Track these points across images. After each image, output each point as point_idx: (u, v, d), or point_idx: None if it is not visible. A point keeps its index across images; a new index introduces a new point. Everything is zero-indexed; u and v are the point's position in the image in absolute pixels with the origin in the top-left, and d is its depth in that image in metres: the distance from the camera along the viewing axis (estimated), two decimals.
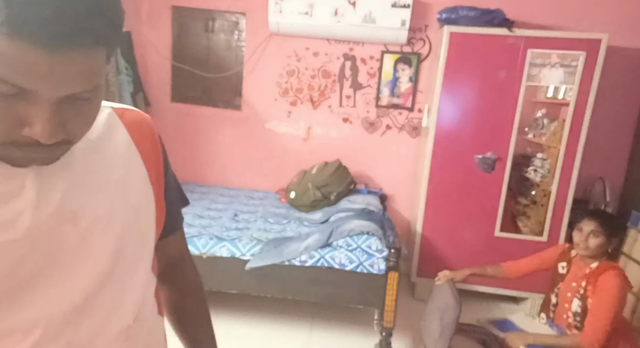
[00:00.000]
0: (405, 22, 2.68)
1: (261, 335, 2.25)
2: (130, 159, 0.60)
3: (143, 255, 0.62)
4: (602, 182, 2.72)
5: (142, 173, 0.61)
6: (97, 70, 0.44)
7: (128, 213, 0.58)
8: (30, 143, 0.44)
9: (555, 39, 2.40)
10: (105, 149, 0.57)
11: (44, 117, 0.42)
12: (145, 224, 0.62)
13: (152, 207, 0.62)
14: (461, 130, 2.57)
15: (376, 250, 2.07)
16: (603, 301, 1.59)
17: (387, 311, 2.04)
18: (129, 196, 0.58)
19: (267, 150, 3.19)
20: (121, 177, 0.58)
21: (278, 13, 2.74)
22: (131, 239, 0.59)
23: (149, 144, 0.64)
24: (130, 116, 0.63)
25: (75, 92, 0.43)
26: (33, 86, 0.40)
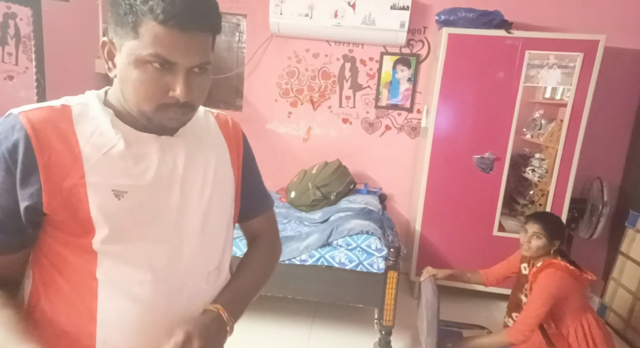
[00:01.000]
0: (404, 23, 2.70)
1: (261, 334, 2.27)
2: (219, 146, 0.81)
3: (224, 219, 0.81)
4: (599, 181, 2.74)
5: (227, 157, 0.82)
6: (209, 49, 0.67)
7: (216, 185, 0.77)
8: (173, 104, 0.65)
9: (553, 40, 2.42)
10: (203, 136, 0.79)
11: (182, 81, 0.64)
12: (227, 195, 0.82)
13: (232, 184, 0.83)
14: (460, 131, 2.59)
15: (375, 250, 2.10)
16: (533, 297, 1.67)
17: (387, 310, 2.06)
18: (217, 172, 0.78)
19: (267, 150, 3.22)
20: (213, 158, 0.78)
21: (278, 14, 2.76)
22: (216, 205, 0.78)
23: (232, 137, 0.85)
24: (220, 116, 0.87)
25: (198, 63, 0.64)
26: (175, 59, 0.62)
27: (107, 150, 0.66)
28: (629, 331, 2.43)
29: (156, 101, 0.64)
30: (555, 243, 1.75)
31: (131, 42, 0.62)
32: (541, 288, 1.65)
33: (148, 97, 0.64)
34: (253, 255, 0.92)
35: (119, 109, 0.70)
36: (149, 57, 0.61)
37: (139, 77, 0.63)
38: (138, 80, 0.63)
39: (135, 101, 0.65)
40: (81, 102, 0.70)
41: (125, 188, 0.66)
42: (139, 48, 0.61)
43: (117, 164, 0.67)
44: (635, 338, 2.37)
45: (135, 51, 0.62)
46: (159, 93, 0.64)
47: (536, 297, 1.65)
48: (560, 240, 1.76)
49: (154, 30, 0.60)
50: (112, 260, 0.67)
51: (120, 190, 0.66)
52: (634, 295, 2.43)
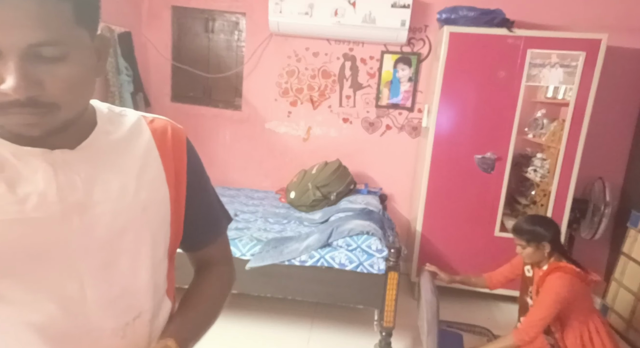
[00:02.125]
0: (405, 22, 2.68)
1: (261, 335, 2.26)
2: (148, 160, 0.62)
3: (151, 254, 0.63)
4: (601, 181, 2.73)
5: (161, 174, 0.63)
6: (57, 21, 0.46)
7: (137, 212, 0.60)
8: (11, 102, 0.46)
9: (555, 39, 2.40)
10: (125, 149, 0.60)
11: (12, 69, 0.44)
12: (156, 224, 0.63)
13: (167, 207, 0.64)
14: (461, 131, 2.57)
15: (376, 250, 2.08)
16: (541, 300, 1.65)
17: (387, 311, 2.04)
18: (140, 195, 0.60)
19: (267, 150, 3.20)
20: (135, 176, 0.60)
21: (278, 13, 2.74)
22: (137, 237, 0.60)
23: (172, 149, 0.66)
24: (158, 123, 0.67)
25: (33, 41, 0.45)
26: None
27: None
28: (631, 332, 2.41)
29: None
30: (543, 245, 1.72)
31: None
32: (549, 292, 1.63)
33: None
34: (202, 288, 0.75)
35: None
36: None
37: None
38: None
39: None
40: None
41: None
42: None
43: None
44: (637, 339, 2.36)
45: None
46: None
47: (544, 300, 1.63)
48: (549, 241, 1.72)
49: None
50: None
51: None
52: (635, 296, 2.42)
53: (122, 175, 0.59)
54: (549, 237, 1.72)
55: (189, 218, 0.70)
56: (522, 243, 1.74)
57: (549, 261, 1.73)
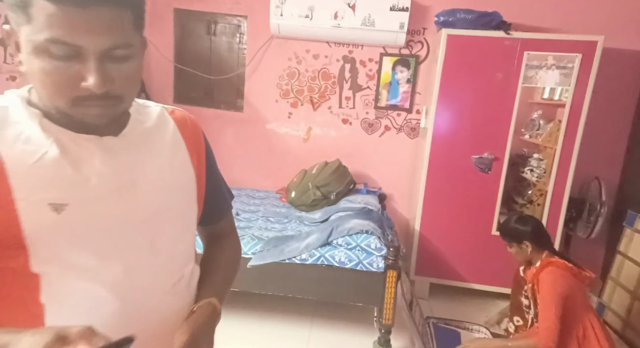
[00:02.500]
0: (403, 25, 2.72)
1: (262, 332, 2.29)
2: (176, 145, 0.73)
3: (184, 226, 0.74)
4: (597, 181, 2.76)
5: (187, 158, 0.74)
6: (125, 28, 0.56)
7: (172, 190, 0.70)
8: (88, 96, 0.55)
9: (552, 41, 2.44)
10: (156, 136, 0.70)
11: (93, 69, 0.54)
12: (187, 200, 0.73)
13: (194, 186, 0.74)
14: (458, 131, 2.61)
15: (375, 249, 2.11)
16: (543, 301, 1.65)
17: (386, 308, 2.07)
18: (173, 176, 0.70)
19: (268, 150, 3.23)
20: (168, 159, 0.70)
21: (279, 16, 2.78)
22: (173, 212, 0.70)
23: (192, 136, 0.77)
24: (178, 113, 0.77)
25: (110, 45, 0.55)
26: (79, 41, 0.52)
27: (38, 159, 0.56)
28: (628, 330, 2.44)
29: (69, 94, 0.55)
30: (526, 245, 1.76)
31: (25, 28, 0.52)
32: (546, 288, 1.64)
33: (59, 91, 0.55)
34: (220, 256, 0.86)
35: (48, 109, 0.59)
36: (47, 43, 0.52)
37: (42, 68, 0.53)
38: (42, 72, 0.54)
39: (47, 96, 0.56)
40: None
41: (65, 200, 0.57)
42: (34, 33, 0.52)
43: (52, 174, 0.57)
44: (634, 338, 2.39)
45: (30, 38, 0.52)
46: (69, 85, 0.54)
47: (544, 298, 1.64)
48: (529, 239, 1.75)
49: (45, 9, 0.50)
50: (57, 281, 0.58)
51: (59, 203, 0.57)
52: (632, 295, 2.44)
53: (157, 159, 0.68)
54: (528, 235, 1.75)
55: (207, 196, 0.79)
56: (506, 242, 1.81)
57: (541, 258, 1.76)
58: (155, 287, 0.68)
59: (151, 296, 0.67)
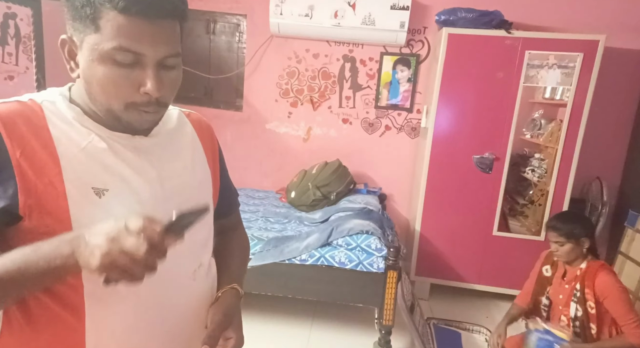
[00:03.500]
0: (404, 23, 2.70)
1: (262, 333, 2.28)
2: (195, 146, 0.79)
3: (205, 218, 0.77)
4: (599, 181, 2.75)
5: (203, 157, 0.80)
6: (177, 38, 0.63)
7: (194, 187, 0.76)
8: (144, 102, 0.61)
9: (553, 41, 2.42)
10: (179, 137, 0.76)
11: (152, 75, 0.60)
12: (206, 196, 0.80)
13: (210, 183, 0.81)
14: (459, 131, 2.60)
15: (375, 249, 2.10)
16: (619, 299, 1.62)
17: (386, 309, 2.06)
18: (195, 173, 0.77)
19: (267, 150, 3.22)
20: (190, 158, 0.77)
21: (278, 15, 2.77)
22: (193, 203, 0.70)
23: (207, 137, 0.83)
24: (193, 116, 0.84)
25: (166, 54, 0.61)
26: (143, 50, 0.58)
27: (84, 147, 0.63)
28: None
29: (126, 99, 0.61)
30: (583, 241, 1.71)
31: (92, 37, 0.58)
32: (619, 289, 1.63)
33: (117, 95, 0.60)
34: (233, 246, 0.92)
35: (85, 109, 0.65)
36: (113, 51, 0.57)
37: (105, 74, 0.59)
38: (105, 78, 0.59)
39: (104, 100, 0.61)
40: (47, 99, 0.65)
41: (106, 186, 0.63)
42: (102, 42, 0.57)
43: (95, 161, 0.63)
44: None
45: (97, 46, 0.57)
46: (128, 90, 0.60)
47: (621, 299, 1.62)
48: (588, 237, 1.72)
49: (115, 20, 0.56)
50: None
51: (100, 188, 0.62)
52: (633, 295, 2.44)
53: (180, 158, 0.74)
54: (587, 233, 1.71)
55: (220, 192, 0.86)
56: (561, 239, 1.70)
57: (587, 259, 1.72)
58: (179, 272, 0.73)
59: (174, 281, 0.72)
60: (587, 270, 1.69)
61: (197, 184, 0.77)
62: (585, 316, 1.68)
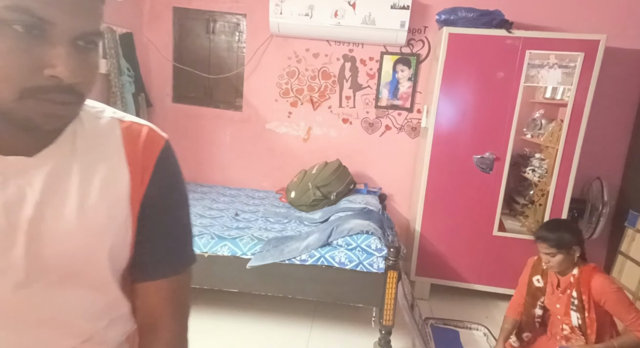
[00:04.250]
0: (404, 23, 2.70)
1: (262, 333, 2.27)
2: (114, 169, 0.55)
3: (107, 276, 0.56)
4: (599, 181, 2.74)
5: (124, 186, 0.55)
6: (100, 14, 0.48)
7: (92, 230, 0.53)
8: (48, 88, 0.44)
9: (554, 40, 2.42)
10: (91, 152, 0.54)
11: (65, 54, 0.44)
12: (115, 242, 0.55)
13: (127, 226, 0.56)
14: (460, 131, 2.59)
15: (375, 249, 2.10)
16: (618, 300, 1.61)
17: (387, 309, 2.06)
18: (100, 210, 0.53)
19: (267, 150, 3.22)
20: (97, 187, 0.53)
21: (278, 14, 2.76)
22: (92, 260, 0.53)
23: (141, 158, 0.57)
24: (134, 127, 0.58)
25: (85, 29, 0.45)
26: (53, 17, 0.42)
27: None
28: None
29: (22, 83, 0.43)
30: (574, 250, 1.67)
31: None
32: (613, 290, 1.61)
33: (9, 77, 0.42)
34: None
35: None
36: (9, 14, 0.41)
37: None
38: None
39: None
40: None
41: None
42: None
43: None
44: None
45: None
46: (27, 70, 0.42)
47: (619, 300, 1.60)
48: (578, 245, 1.68)
49: None
50: None
51: None
52: (633, 295, 2.43)
53: (82, 185, 0.52)
54: (576, 240, 1.68)
55: (140, 241, 0.59)
56: (552, 251, 1.66)
57: (578, 264, 1.70)
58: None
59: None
60: (580, 276, 1.67)
61: (99, 226, 0.53)
62: (583, 323, 1.67)
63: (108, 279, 0.56)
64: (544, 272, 1.81)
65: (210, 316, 2.36)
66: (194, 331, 0.69)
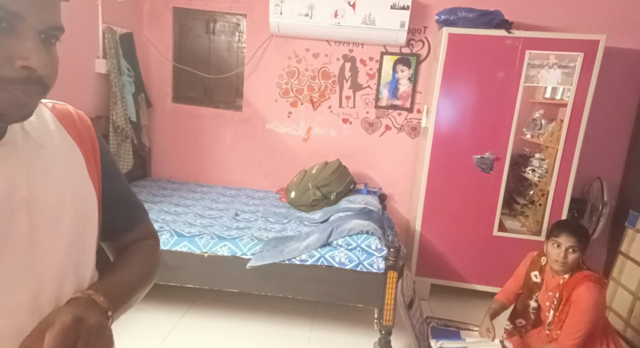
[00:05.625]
0: (404, 23, 2.70)
1: (262, 333, 2.27)
2: (68, 149, 0.60)
3: (91, 242, 0.62)
4: (599, 181, 2.74)
5: (82, 163, 0.61)
6: (60, 10, 0.50)
7: (76, 203, 0.58)
8: (19, 79, 0.46)
9: (554, 40, 2.42)
10: (44, 138, 0.57)
11: (36, 47, 0.46)
12: (90, 213, 0.61)
13: (94, 197, 0.62)
14: (460, 131, 2.59)
15: (375, 249, 2.10)
16: (580, 313, 1.61)
17: (387, 309, 2.06)
18: (74, 186, 0.58)
19: (267, 150, 3.22)
20: (65, 167, 0.58)
21: (278, 14, 2.76)
22: (81, 228, 0.59)
23: (83, 134, 0.63)
24: (58, 107, 0.63)
25: (52, 23, 0.48)
26: (23, 10, 0.45)
27: None
28: (629, 331, 2.43)
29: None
30: (584, 253, 1.70)
31: None
32: (588, 307, 1.59)
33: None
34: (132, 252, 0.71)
35: None
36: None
37: None
38: None
39: None
40: None
41: None
42: None
43: None
44: (635, 338, 2.37)
45: None
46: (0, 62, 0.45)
47: (583, 313, 1.59)
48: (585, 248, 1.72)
49: None
50: None
51: None
52: (634, 295, 2.43)
53: (54, 167, 0.56)
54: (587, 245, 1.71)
55: (108, 207, 0.66)
56: (577, 246, 1.66)
57: (573, 270, 1.71)
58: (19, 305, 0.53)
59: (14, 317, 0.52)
60: (569, 280, 1.69)
61: (78, 200, 0.58)
62: (552, 320, 1.71)
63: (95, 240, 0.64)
64: (541, 269, 1.85)
65: (210, 316, 2.36)
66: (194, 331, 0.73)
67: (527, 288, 1.89)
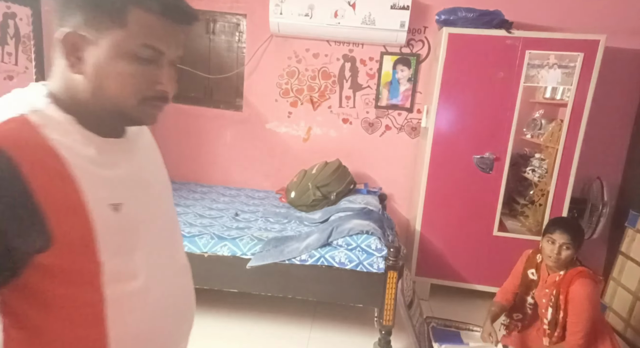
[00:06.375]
0: (404, 23, 2.70)
1: (262, 334, 2.27)
2: (153, 145, 0.80)
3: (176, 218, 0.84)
4: (599, 181, 2.74)
5: (160, 157, 0.82)
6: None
7: (165, 187, 0.79)
8: (157, 97, 0.63)
9: (554, 40, 2.42)
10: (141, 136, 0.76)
11: (170, 75, 0.64)
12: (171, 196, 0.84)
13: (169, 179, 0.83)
14: (460, 131, 2.59)
15: (375, 249, 2.10)
16: (578, 311, 1.64)
17: (387, 309, 2.06)
18: (163, 173, 0.80)
19: (267, 150, 3.22)
20: (155, 158, 0.79)
21: (278, 14, 2.76)
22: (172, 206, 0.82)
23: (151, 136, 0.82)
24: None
25: (180, 54, 0.65)
26: (166, 49, 0.62)
27: (91, 161, 0.60)
28: (629, 331, 2.43)
29: (142, 94, 0.62)
30: (578, 250, 1.72)
31: (117, 33, 0.58)
32: (583, 301, 1.62)
33: (135, 89, 0.61)
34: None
35: (70, 111, 0.61)
36: (139, 48, 0.59)
37: (125, 69, 0.59)
38: (125, 72, 0.59)
39: (118, 95, 0.60)
40: (33, 109, 0.58)
41: (120, 200, 0.63)
42: (128, 38, 0.58)
43: (103, 174, 0.61)
44: (635, 338, 2.37)
45: (123, 42, 0.58)
46: (145, 85, 0.61)
47: (581, 310, 1.62)
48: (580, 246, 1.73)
49: (146, 20, 0.58)
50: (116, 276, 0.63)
51: (116, 203, 0.62)
52: (634, 295, 2.43)
53: (151, 158, 0.77)
54: (581, 242, 1.72)
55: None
56: (570, 243, 1.68)
57: (568, 266, 1.72)
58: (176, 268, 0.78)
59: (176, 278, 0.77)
60: (564, 276, 1.70)
61: (166, 184, 0.80)
62: (553, 320, 1.71)
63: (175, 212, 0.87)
64: (537, 266, 1.86)
65: (210, 316, 2.36)
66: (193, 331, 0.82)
67: (525, 285, 1.91)
